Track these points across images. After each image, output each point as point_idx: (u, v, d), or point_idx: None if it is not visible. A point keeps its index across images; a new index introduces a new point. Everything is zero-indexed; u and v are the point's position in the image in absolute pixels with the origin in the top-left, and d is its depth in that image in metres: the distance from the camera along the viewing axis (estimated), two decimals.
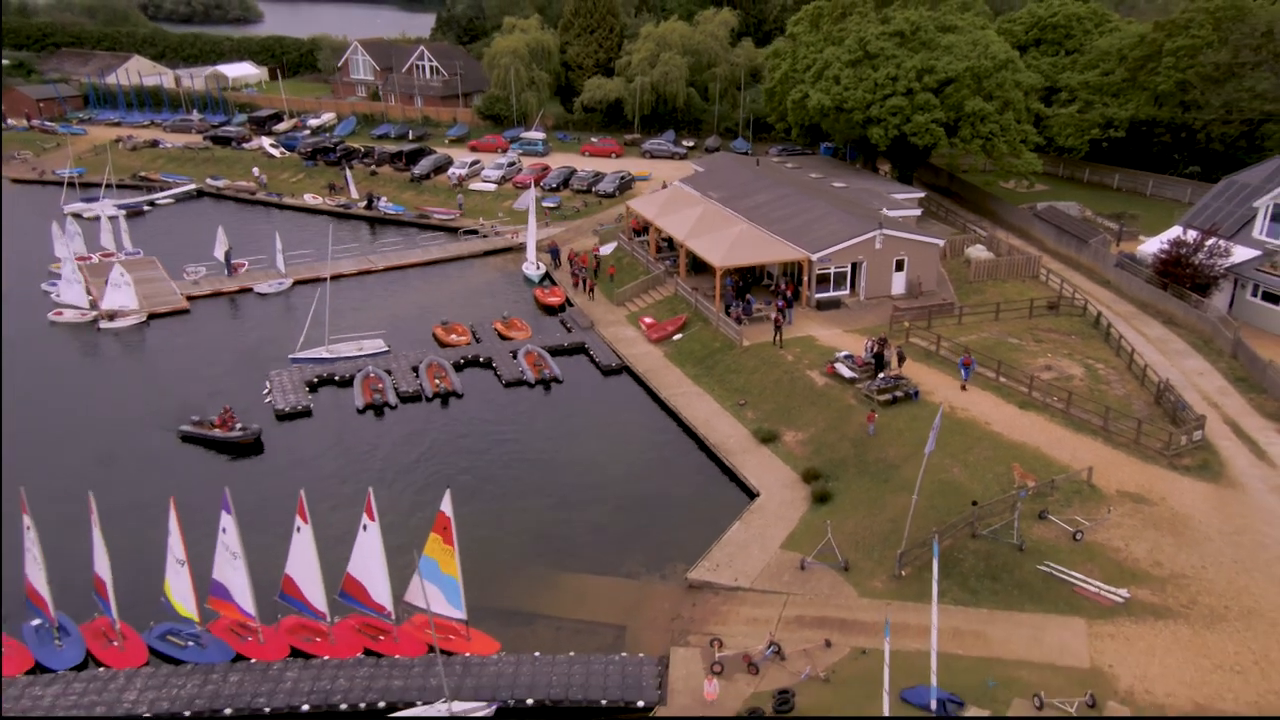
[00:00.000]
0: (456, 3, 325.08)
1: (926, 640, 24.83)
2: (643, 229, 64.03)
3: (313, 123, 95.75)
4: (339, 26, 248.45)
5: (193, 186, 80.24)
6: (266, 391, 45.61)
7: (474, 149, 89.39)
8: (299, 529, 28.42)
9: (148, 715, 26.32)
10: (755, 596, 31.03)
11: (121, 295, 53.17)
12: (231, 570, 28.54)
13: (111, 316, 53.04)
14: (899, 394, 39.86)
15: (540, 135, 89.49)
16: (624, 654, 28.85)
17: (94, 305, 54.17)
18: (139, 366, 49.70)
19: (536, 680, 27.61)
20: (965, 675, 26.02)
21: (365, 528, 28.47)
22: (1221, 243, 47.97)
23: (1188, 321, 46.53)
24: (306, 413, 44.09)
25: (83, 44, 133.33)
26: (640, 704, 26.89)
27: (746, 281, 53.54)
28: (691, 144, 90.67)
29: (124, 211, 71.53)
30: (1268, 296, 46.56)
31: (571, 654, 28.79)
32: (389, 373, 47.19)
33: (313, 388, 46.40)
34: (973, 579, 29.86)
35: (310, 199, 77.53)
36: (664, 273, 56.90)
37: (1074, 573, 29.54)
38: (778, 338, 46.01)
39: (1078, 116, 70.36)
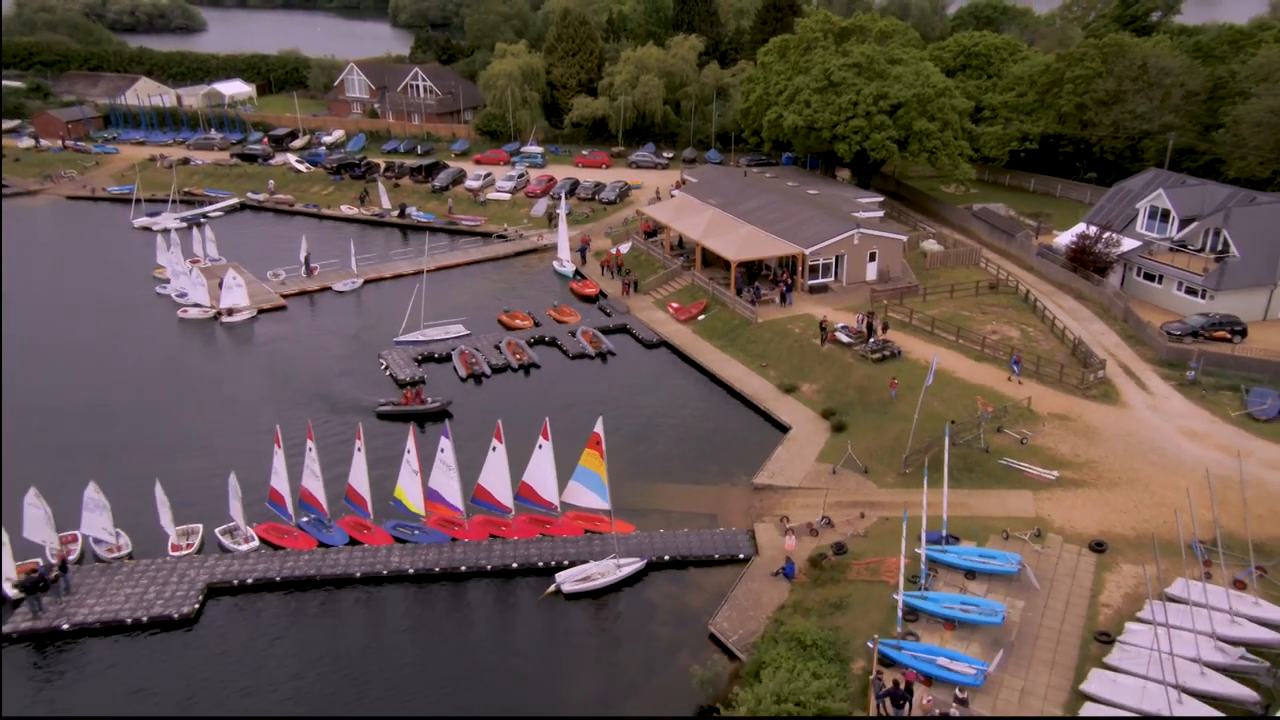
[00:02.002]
0: (400, 13, 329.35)
1: (931, 510, 37.94)
2: (653, 231, 76.51)
3: (327, 140, 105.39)
4: (283, 34, 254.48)
5: (235, 200, 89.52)
6: (384, 367, 56.73)
7: (479, 162, 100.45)
8: (494, 448, 40.14)
9: (410, 570, 38.05)
10: (804, 492, 43.84)
11: (235, 295, 63.33)
12: (446, 479, 40.11)
13: (230, 313, 63.17)
14: (886, 353, 53.25)
15: (539, 149, 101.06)
16: (722, 528, 41.42)
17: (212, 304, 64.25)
18: (273, 353, 59.90)
19: (667, 545, 39.97)
20: (958, 525, 39.18)
21: (540, 446, 40.30)
22: (1114, 236, 62.87)
23: (1092, 296, 61.23)
24: (421, 381, 55.33)
25: (69, 63, 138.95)
26: (741, 555, 39.44)
27: (750, 272, 66.51)
28: (671, 155, 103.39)
29: (186, 224, 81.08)
30: (1148, 276, 61.54)
31: (685, 530, 41.21)
32: (478, 350, 58.69)
33: (419, 362, 57.66)
34: (955, 471, 42.99)
35: (346, 209, 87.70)
36: (680, 267, 69.50)
37: (1022, 463, 43.21)
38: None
39: (1001, 132, 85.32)
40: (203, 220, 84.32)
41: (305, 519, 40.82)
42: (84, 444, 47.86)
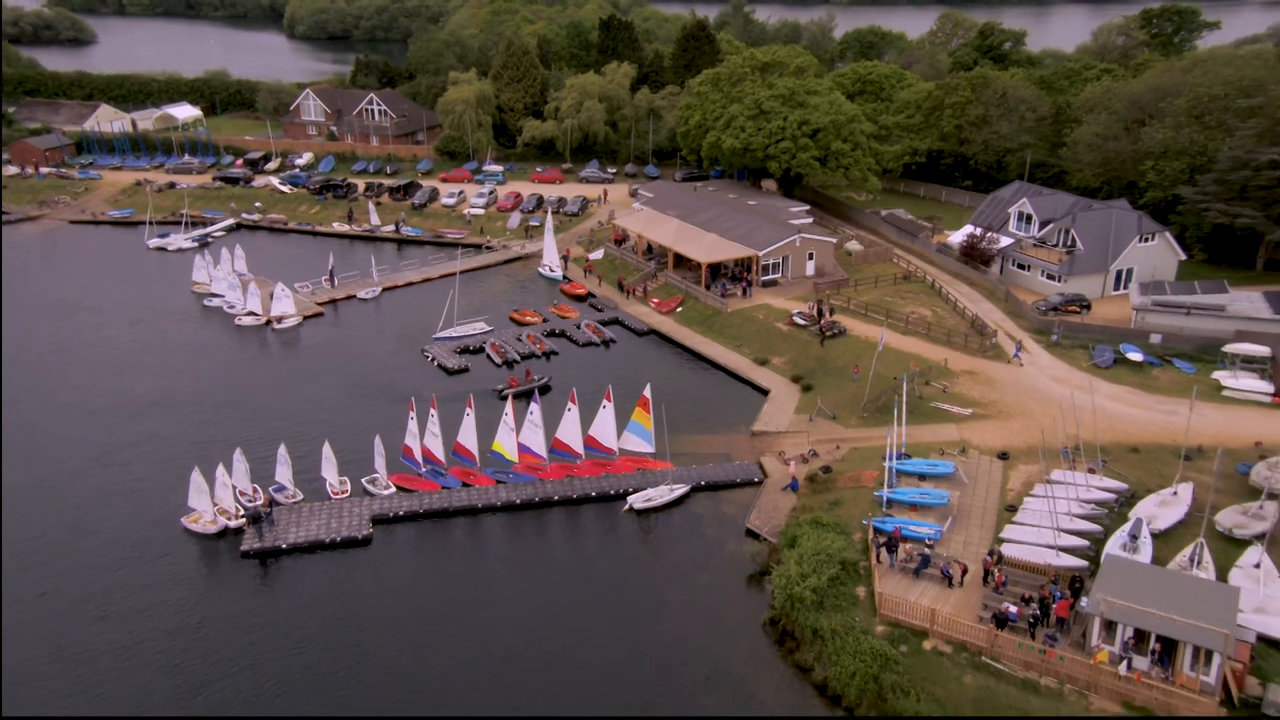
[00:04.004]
0: (298, 25, 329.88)
1: (887, 442, 53.30)
2: (622, 239, 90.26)
3: (299, 162, 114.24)
4: (177, 47, 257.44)
5: (232, 221, 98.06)
6: (430, 358, 68.62)
7: (445, 180, 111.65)
8: (569, 409, 53.28)
9: (517, 501, 50.95)
10: (790, 435, 58.68)
11: (283, 304, 73.66)
12: (532, 434, 53.01)
13: (280, 320, 73.43)
14: (835, 332, 68.81)
15: (499, 168, 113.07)
16: (737, 461, 55.79)
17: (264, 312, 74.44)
18: (330, 352, 70.70)
19: (701, 475, 54.05)
20: (908, 448, 54.78)
21: (605, 406, 53.73)
22: (994, 235, 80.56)
23: (980, 283, 78.66)
24: (465, 370, 67.52)
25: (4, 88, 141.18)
26: (756, 479, 53.90)
27: (713, 271, 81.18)
28: (614, 170, 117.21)
29: (196, 244, 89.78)
30: (1020, 265, 79.38)
31: (711, 464, 55.37)
32: (505, 343, 71.13)
33: (460, 353, 69.70)
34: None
35: (338, 226, 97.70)
36: (654, 269, 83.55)
37: (946, 405, 59.29)
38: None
39: (899, 150, 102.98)
40: (209, 240, 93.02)
41: (424, 469, 52.99)
42: (226, 423, 58.85)
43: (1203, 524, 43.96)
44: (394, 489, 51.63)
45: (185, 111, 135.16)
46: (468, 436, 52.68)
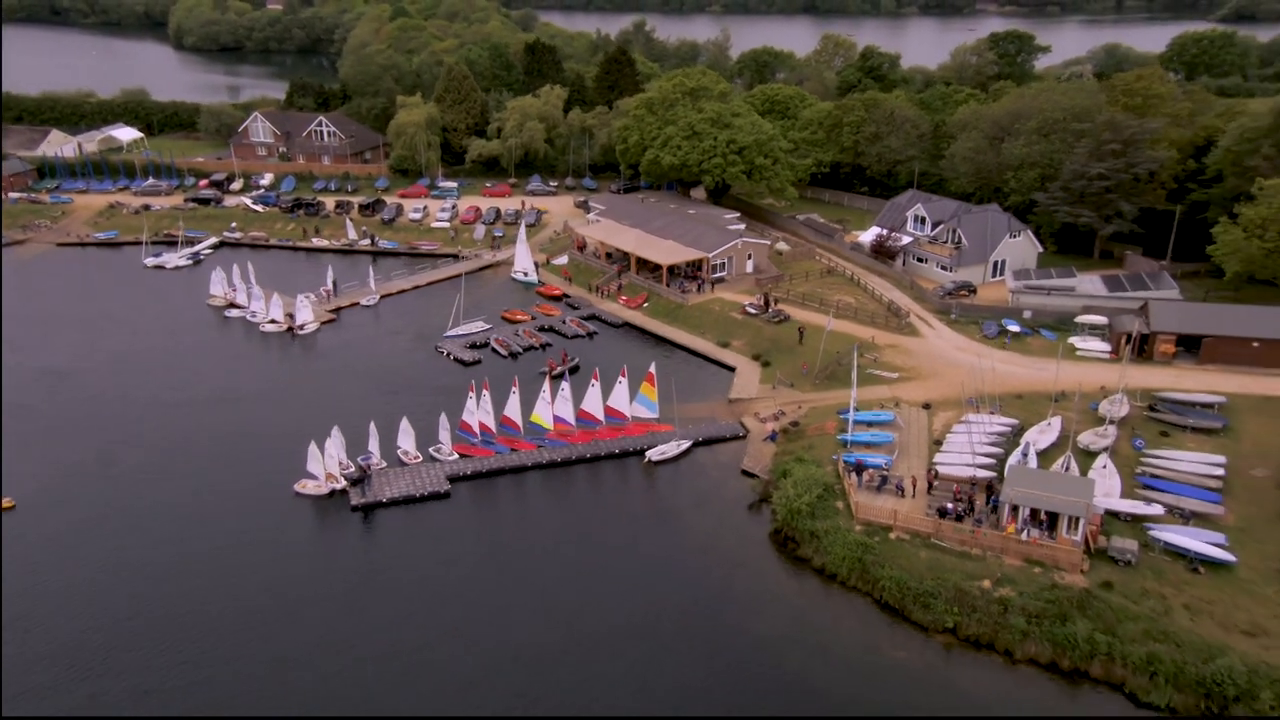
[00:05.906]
0: (186, 35, 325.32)
1: (841, 403, 68.65)
2: (583, 246, 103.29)
3: (263, 183, 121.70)
4: (58, 59, 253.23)
5: (216, 239, 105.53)
6: (446, 354, 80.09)
7: (403, 197, 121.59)
8: (593, 384, 66.36)
9: (560, 460, 63.88)
10: (760, 400, 73.46)
11: (304, 313, 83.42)
12: (564, 406, 65.80)
13: (302, 327, 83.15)
14: (781, 319, 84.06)
15: (454, 184, 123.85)
16: (723, 422, 70.11)
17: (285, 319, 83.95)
18: (353, 353, 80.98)
19: (698, 433, 68.16)
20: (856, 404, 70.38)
21: (621, 381, 67.06)
22: (897, 234, 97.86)
23: (889, 274, 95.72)
24: (478, 362, 79.37)
25: None
26: (741, 435, 68.38)
27: (670, 271, 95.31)
28: (556, 184, 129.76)
29: (191, 261, 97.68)
30: (919, 259, 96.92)
31: (704, 424, 69.48)
32: (507, 338, 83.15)
33: (472, 348, 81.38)
34: (845, 377, 74.24)
35: (318, 241, 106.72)
36: (617, 272, 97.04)
37: (879, 370, 75.31)
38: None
39: (810, 164, 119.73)
40: (201, 258, 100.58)
41: (478, 438, 65.08)
42: (292, 412, 69.27)
43: (1069, 443, 61.14)
44: (457, 455, 63.54)
45: (127, 134, 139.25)
46: (513, 410, 65.06)
